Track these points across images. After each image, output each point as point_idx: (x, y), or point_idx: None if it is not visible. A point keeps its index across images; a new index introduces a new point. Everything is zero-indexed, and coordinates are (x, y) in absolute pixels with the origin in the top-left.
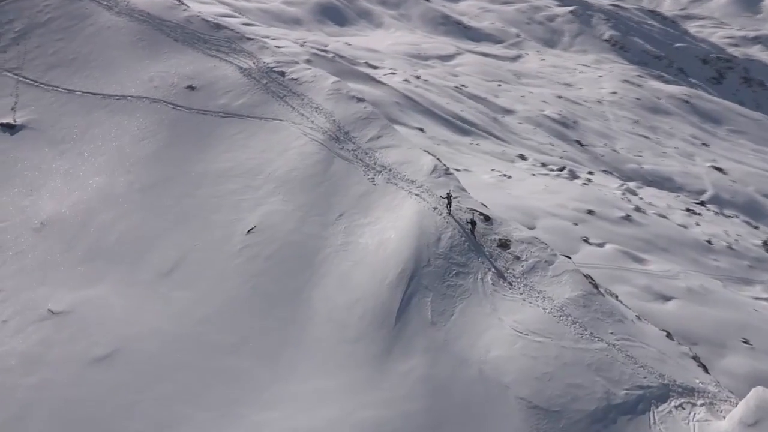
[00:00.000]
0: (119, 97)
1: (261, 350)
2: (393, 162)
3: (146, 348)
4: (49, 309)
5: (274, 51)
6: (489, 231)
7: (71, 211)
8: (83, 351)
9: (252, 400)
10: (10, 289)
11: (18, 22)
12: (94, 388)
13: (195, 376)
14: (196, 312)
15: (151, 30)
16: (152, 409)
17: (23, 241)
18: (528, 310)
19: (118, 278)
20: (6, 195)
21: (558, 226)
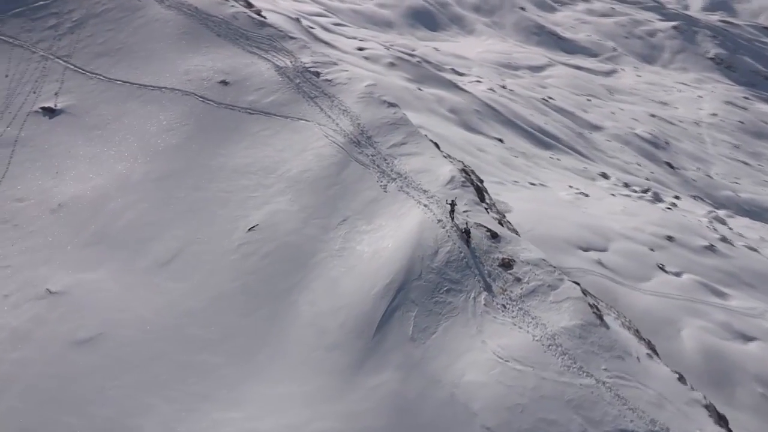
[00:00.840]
0: (154, 88)
1: (237, 348)
2: (410, 170)
3: (128, 335)
4: (47, 288)
5: (313, 51)
6: (494, 249)
7: (88, 195)
8: (69, 332)
9: (218, 397)
10: (17, 265)
11: (77, 12)
12: (71, 369)
13: (168, 367)
14: (183, 304)
15: (196, 24)
16: (120, 396)
17: (39, 221)
18: (515, 336)
19: (117, 264)
20: (33, 176)
21: (632, 250)
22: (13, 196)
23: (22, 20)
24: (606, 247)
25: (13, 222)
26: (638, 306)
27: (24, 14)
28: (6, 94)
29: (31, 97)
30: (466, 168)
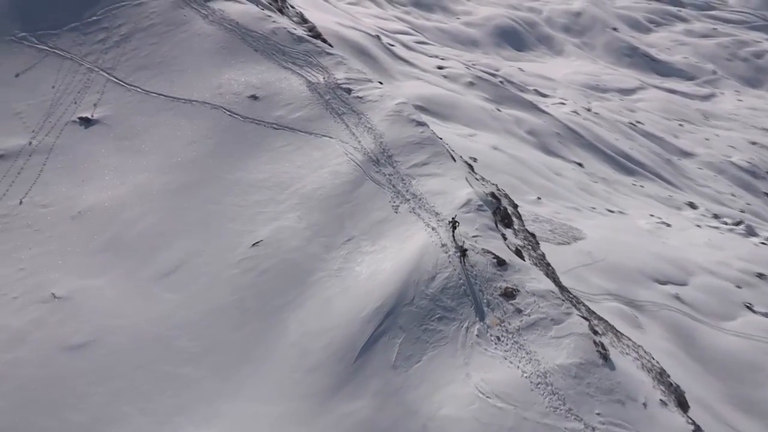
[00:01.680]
0: (185, 101)
1: (220, 363)
2: (426, 191)
3: (119, 342)
4: (53, 293)
5: (349, 68)
6: (497, 277)
7: (106, 204)
8: (64, 337)
9: (194, 411)
10: (30, 268)
11: (125, 26)
12: (59, 373)
13: (150, 378)
14: (176, 316)
15: (235, 39)
16: (98, 403)
17: (58, 227)
18: (503, 370)
19: (122, 272)
20: (61, 183)
21: (715, 286)
22: (39, 202)
23: (76, 34)
24: (686, 281)
25: (35, 227)
26: (719, 347)
27: (78, 29)
28: (50, 104)
29: (72, 108)
30: (497, 192)
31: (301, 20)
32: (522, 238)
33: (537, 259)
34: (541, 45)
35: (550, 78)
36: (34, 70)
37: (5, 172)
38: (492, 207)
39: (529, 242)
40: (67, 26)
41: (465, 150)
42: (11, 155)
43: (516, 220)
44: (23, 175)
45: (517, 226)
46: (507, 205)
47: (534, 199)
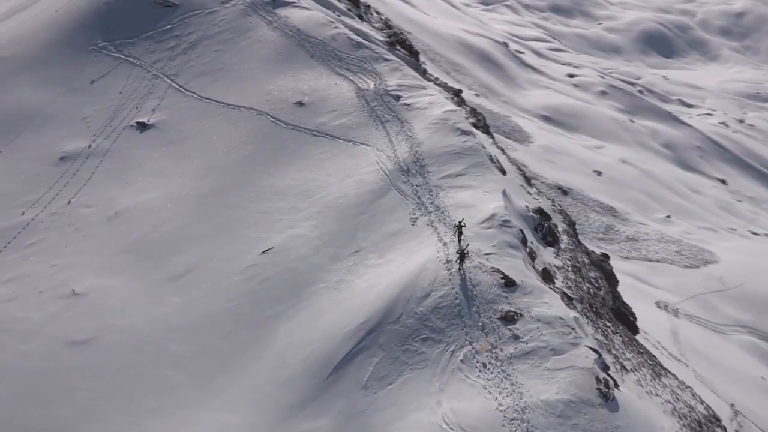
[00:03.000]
0: (234, 107)
1: (202, 369)
2: (452, 204)
3: (116, 341)
4: (73, 289)
5: (404, 74)
6: (501, 299)
7: (141, 206)
8: (71, 332)
9: (168, 415)
10: (62, 265)
11: (194, 34)
12: (58, 367)
13: (135, 378)
14: (174, 318)
15: (293, 45)
16: (83, 399)
17: (95, 227)
18: (478, 401)
19: (137, 273)
20: (107, 185)
21: None
22: (84, 203)
23: (149, 42)
24: None
25: (75, 226)
26: None
27: (152, 37)
28: (114, 109)
29: (133, 112)
30: (551, 207)
31: (384, 26)
32: (568, 258)
33: (581, 282)
34: (692, 50)
35: (698, 86)
36: (108, 77)
37: (63, 173)
38: (532, 223)
39: (579, 263)
40: (142, 35)
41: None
42: (72, 157)
43: (567, 238)
44: (78, 177)
45: (566, 245)
46: (561, 222)
47: (662, 217)
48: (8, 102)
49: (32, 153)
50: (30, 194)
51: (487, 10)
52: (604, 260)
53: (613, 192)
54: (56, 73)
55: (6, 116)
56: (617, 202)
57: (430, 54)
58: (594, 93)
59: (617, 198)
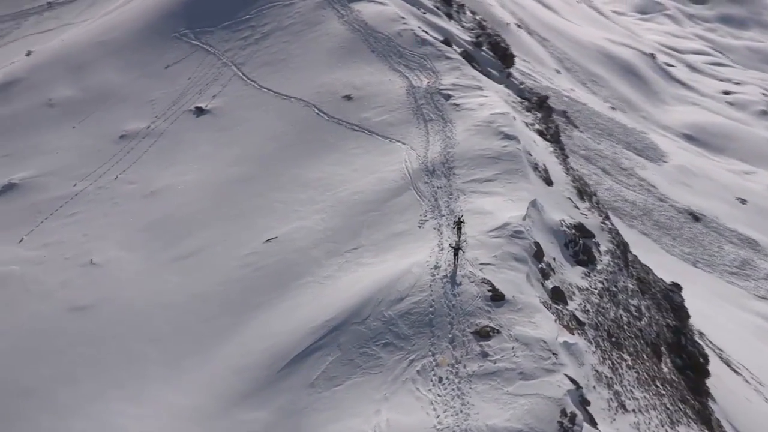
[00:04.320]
0: (285, 97)
1: (176, 350)
2: (469, 209)
3: (110, 312)
4: (91, 259)
5: (463, 74)
6: (482, 312)
7: (174, 187)
8: (76, 298)
9: (130, 388)
10: (92, 235)
11: (269, 25)
12: (53, 330)
13: (115, 350)
14: (167, 297)
15: (357, 40)
16: (63, 363)
17: (131, 203)
18: (418, 416)
19: (150, 250)
20: (152, 164)
21: None
22: (128, 180)
23: (226, 32)
24: None
25: (115, 200)
26: None
27: (229, 26)
28: (180, 93)
29: (195, 98)
30: (601, 225)
31: (476, 26)
32: (602, 280)
33: (608, 308)
34: None
35: None
36: (182, 63)
37: (119, 150)
38: (563, 239)
39: (618, 288)
40: (221, 24)
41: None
42: (131, 136)
43: (609, 260)
44: (131, 155)
45: (605, 266)
46: (608, 242)
47: None
48: (93, 82)
49: (98, 130)
50: (86, 168)
51: (643, 20)
52: (674, 290)
53: (758, 223)
54: (138, 58)
55: (88, 95)
56: (761, 235)
57: (567, 63)
58: (752, 112)
59: (762, 230)
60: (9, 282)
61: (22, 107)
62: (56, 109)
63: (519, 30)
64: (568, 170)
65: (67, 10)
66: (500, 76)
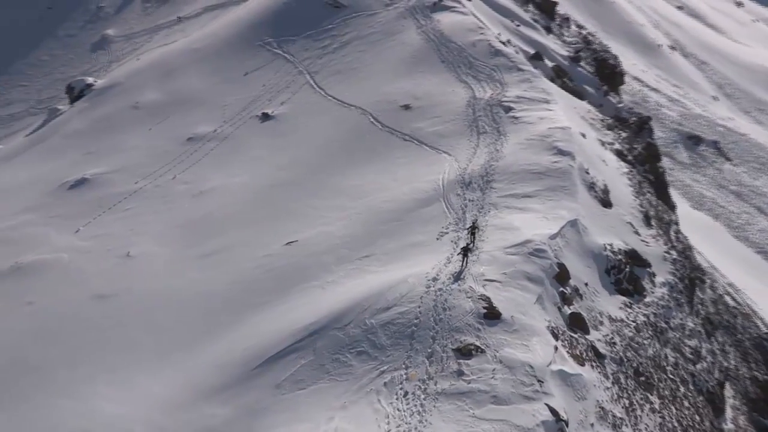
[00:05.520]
0: (346, 105)
1: (171, 341)
2: (496, 224)
3: (126, 301)
4: (128, 252)
5: (532, 86)
6: (470, 329)
7: (221, 188)
8: (102, 287)
9: (116, 371)
10: (137, 230)
11: (349, 34)
12: (72, 315)
13: (120, 337)
14: (182, 293)
15: (429, 49)
16: (71, 347)
17: (180, 201)
18: (367, 428)
19: (180, 246)
20: (209, 166)
21: None
22: (183, 180)
23: (308, 41)
24: None
25: (167, 198)
26: None
27: (312, 35)
28: (252, 99)
29: (265, 104)
30: (655, 255)
31: (580, 41)
32: (647, 314)
33: (645, 345)
34: None
35: None
36: (261, 71)
37: (184, 151)
38: (604, 264)
39: (672, 326)
40: (305, 33)
41: None
42: (197, 139)
43: (665, 293)
44: (193, 156)
45: (656, 300)
46: (668, 274)
47: None
48: (177, 87)
49: (170, 132)
50: (150, 167)
51: None
52: None
53: None
54: (223, 65)
55: (171, 99)
56: None
57: (728, 89)
58: None
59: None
60: (54, 268)
61: (113, 109)
62: (140, 112)
63: (672, 52)
64: (639, 194)
65: (193, 23)
66: (597, 94)
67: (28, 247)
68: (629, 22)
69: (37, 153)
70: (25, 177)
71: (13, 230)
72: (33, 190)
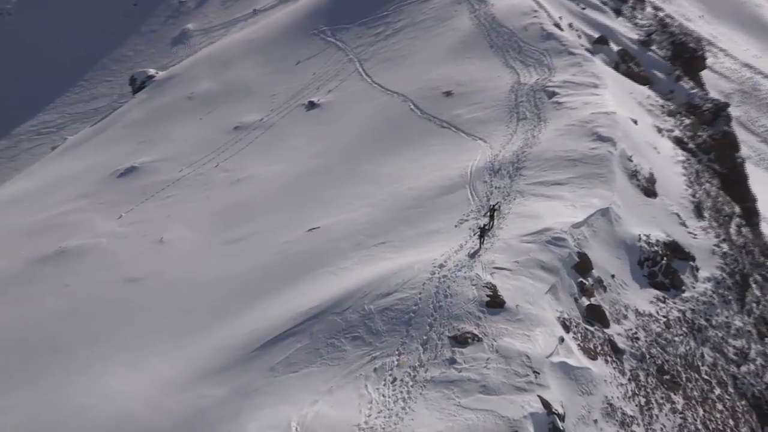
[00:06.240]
0: (389, 93)
1: (187, 323)
2: (519, 212)
3: (152, 285)
4: (162, 237)
5: (582, 70)
6: (470, 317)
7: (257, 176)
8: (131, 270)
9: (132, 355)
10: (174, 216)
11: (402, 21)
12: (103, 298)
13: (138, 319)
14: (203, 276)
15: (479, 35)
16: (94, 327)
17: (219, 189)
18: (349, 412)
19: (211, 232)
20: (251, 155)
21: None
22: (225, 168)
23: (361, 29)
24: None
25: (207, 186)
26: None
27: (365, 23)
28: (301, 88)
29: (313, 92)
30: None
31: (656, 24)
32: (683, 310)
33: (673, 343)
34: None
35: None
36: (313, 59)
37: (229, 140)
38: (637, 255)
39: (714, 323)
40: (359, 21)
41: None
42: (243, 127)
43: (705, 286)
44: (237, 145)
45: (697, 295)
46: (716, 269)
47: None
48: (231, 77)
49: (218, 121)
50: (195, 155)
51: None
52: None
53: None
54: (277, 54)
55: (224, 89)
56: None
57: None
58: None
59: None
60: (92, 252)
61: (169, 99)
62: (193, 102)
63: None
64: (695, 184)
65: (268, 15)
66: (667, 80)
67: (75, 232)
68: (742, 3)
69: (97, 143)
70: (83, 165)
71: (65, 216)
72: (87, 178)
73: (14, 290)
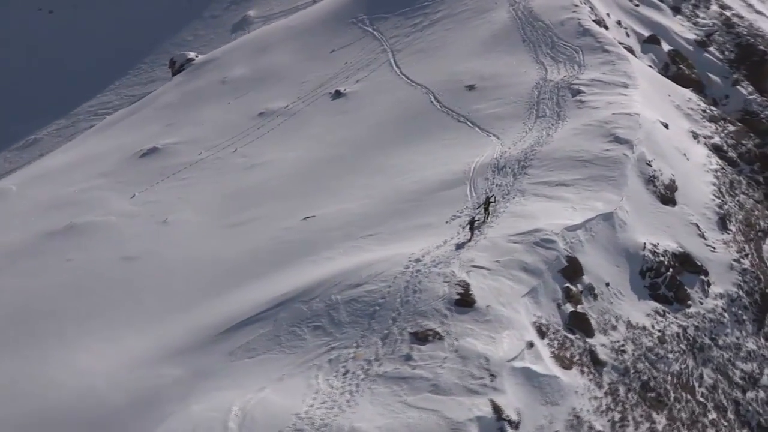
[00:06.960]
0: (414, 85)
1: (173, 304)
2: (514, 211)
3: (147, 264)
4: (167, 218)
5: (614, 69)
6: (435, 315)
7: (272, 163)
8: (130, 248)
9: (113, 331)
10: (184, 198)
11: (441, 12)
12: (97, 273)
13: (127, 296)
14: (199, 259)
15: (512, 28)
16: (86, 304)
17: (232, 174)
18: (292, 401)
19: (215, 215)
20: (269, 141)
21: None
22: (243, 153)
23: (399, 19)
24: None
25: (223, 170)
26: None
27: (405, 13)
28: (331, 76)
29: (342, 81)
30: (720, 262)
31: (720, 24)
32: (683, 326)
33: (666, 360)
34: None
35: None
36: (347, 48)
37: (251, 126)
38: (639, 264)
39: (720, 344)
40: (398, 11)
41: None
42: (267, 114)
43: (715, 303)
44: (258, 131)
45: (702, 310)
46: (733, 286)
47: None
48: (265, 63)
49: (245, 107)
50: (217, 139)
51: None
52: None
53: None
54: (313, 41)
55: (256, 75)
56: None
57: None
58: None
59: None
60: (100, 229)
61: (204, 83)
62: (226, 86)
63: None
64: (726, 195)
65: None
66: (723, 83)
67: (88, 208)
68: None
69: (129, 123)
70: (111, 145)
71: (83, 193)
72: (112, 157)
73: (22, 262)
